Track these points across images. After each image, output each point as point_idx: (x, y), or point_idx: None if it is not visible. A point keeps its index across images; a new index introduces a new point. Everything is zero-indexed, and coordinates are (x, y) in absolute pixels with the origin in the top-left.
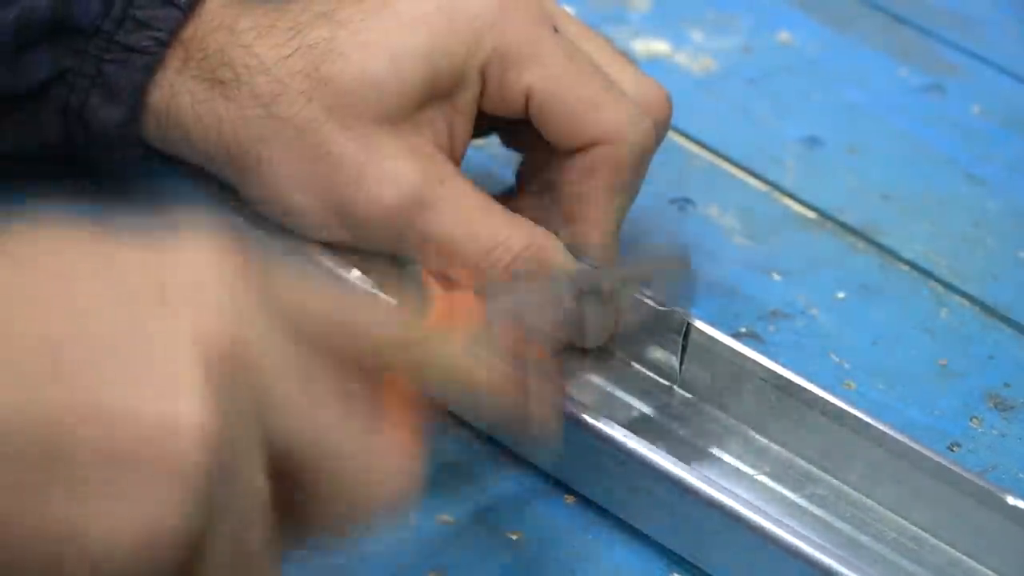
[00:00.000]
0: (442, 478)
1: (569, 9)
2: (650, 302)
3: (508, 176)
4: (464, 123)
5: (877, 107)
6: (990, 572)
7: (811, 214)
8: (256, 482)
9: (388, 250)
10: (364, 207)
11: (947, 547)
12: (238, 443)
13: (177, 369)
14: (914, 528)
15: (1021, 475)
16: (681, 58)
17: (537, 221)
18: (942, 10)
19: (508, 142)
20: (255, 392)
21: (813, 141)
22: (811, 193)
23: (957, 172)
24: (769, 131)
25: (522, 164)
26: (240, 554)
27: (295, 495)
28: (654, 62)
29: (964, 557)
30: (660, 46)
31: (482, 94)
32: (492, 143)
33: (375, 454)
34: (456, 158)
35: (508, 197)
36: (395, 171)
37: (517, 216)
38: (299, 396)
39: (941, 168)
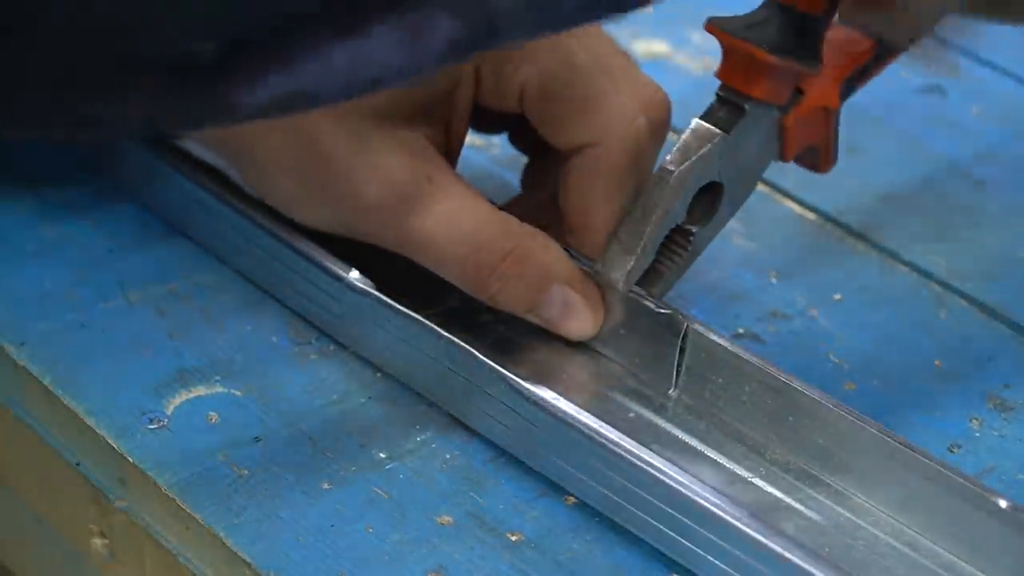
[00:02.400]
0: (442, 478)
1: None
2: (648, 304)
3: (508, 177)
4: (460, 119)
5: (877, 108)
6: None
7: (811, 215)
8: None
9: (377, 243)
10: (352, 202)
11: (942, 550)
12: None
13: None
14: (910, 531)
15: (1021, 476)
16: (681, 58)
17: (539, 223)
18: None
19: (515, 143)
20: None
21: None
22: (811, 194)
23: (957, 172)
24: None
25: (527, 166)
26: None
27: None
28: (654, 62)
29: (959, 560)
30: (660, 46)
31: (478, 89)
32: (493, 144)
33: None
34: (452, 154)
35: (513, 199)
36: (384, 167)
37: (505, 216)
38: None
39: (941, 168)
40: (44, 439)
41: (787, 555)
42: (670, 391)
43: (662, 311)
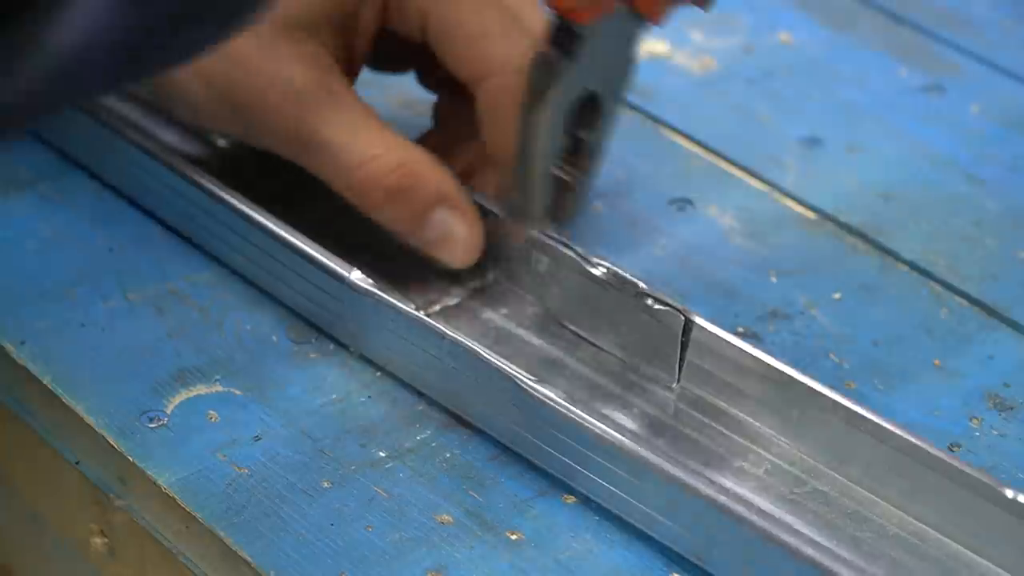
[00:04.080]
0: (442, 477)
1: None
2: (650, 300)
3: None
4: (363, 38)
5: (877, 107)
6: (991, 565)
7: (811, 214)
8: None
9: (276, 151)
10: (253, 105)
11: (948, 541)
12: None
13: None
14: (915, 522)
15: (1021, 475)
16: (681, 58)
17: (448, 159)
18: (942, 10)
19: (423, 82)
20: None
21: (813, 141)
22: (811, 193)
23: (957, 172)
24: (769, 131)
25: (436, 104)
26: None
27: None
28: (654, 62)
29: (965, 550)
30: (660, 46)
31: (384, 12)
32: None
33: None
34: (353, 71)
35: (423, 135)
36: (287, 74)
37: (397, 135)
38: None
39: (941, 168)
40: (44, 439)
41: (797, 548)
42: (672, 385)
43: (664, 308)
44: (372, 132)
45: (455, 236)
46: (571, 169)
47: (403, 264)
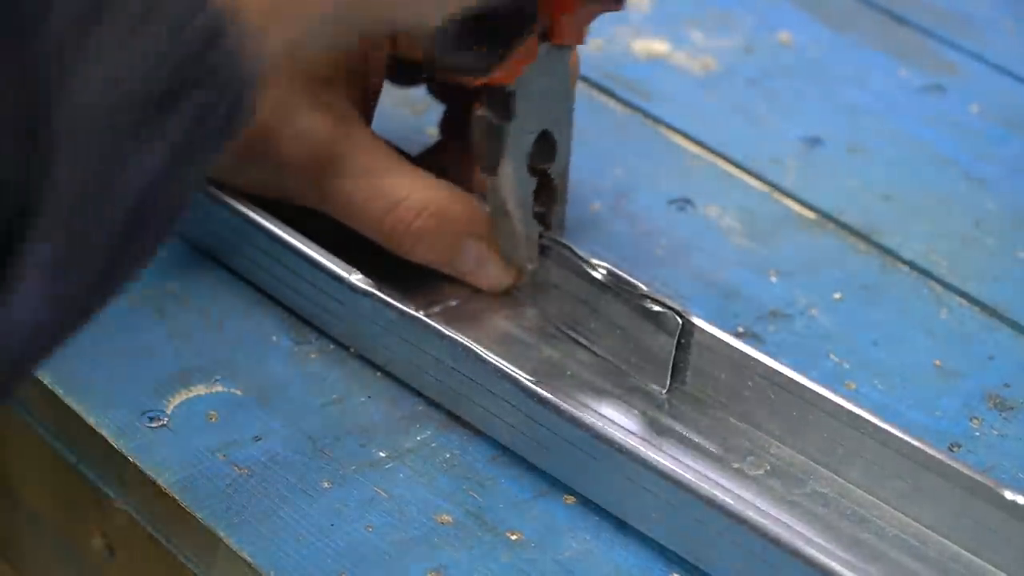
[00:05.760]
0: (442, 477)
1: None
2: (649, 302)
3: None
4: (376, 74)
5: (877, 107)
6: (990, 567)
7: (811, 214)
8: None
9: (301, 203)
10: (276, 162)
11: (948, 542)
12: None
13: None
14: (915, 524)
15: (1021, 475)
16: (681, 58)
17: (458, 169)
18: (942, 10)
19: (433, 92)
20: None
21: (813, 141)
22: (811, 193)
23: (957, 172)
24: (769, 131)
25: (444, 113)
26: None
27: None
28: (654, 62)
29: (965, 552)
30: (660, 46)
31: (394, 43)
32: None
33: None
34: (369, 110)
35: (432, 146)
36: (305, 129)
37: (420, 173)
38: None
39: (941, 168)
40: (44, 439)
41: (796, 549)
42: (672, 387)
43: (661, 309)
44: (394, 175)
45: (488, 264)
46: (544, 200)
47: (403, 265)
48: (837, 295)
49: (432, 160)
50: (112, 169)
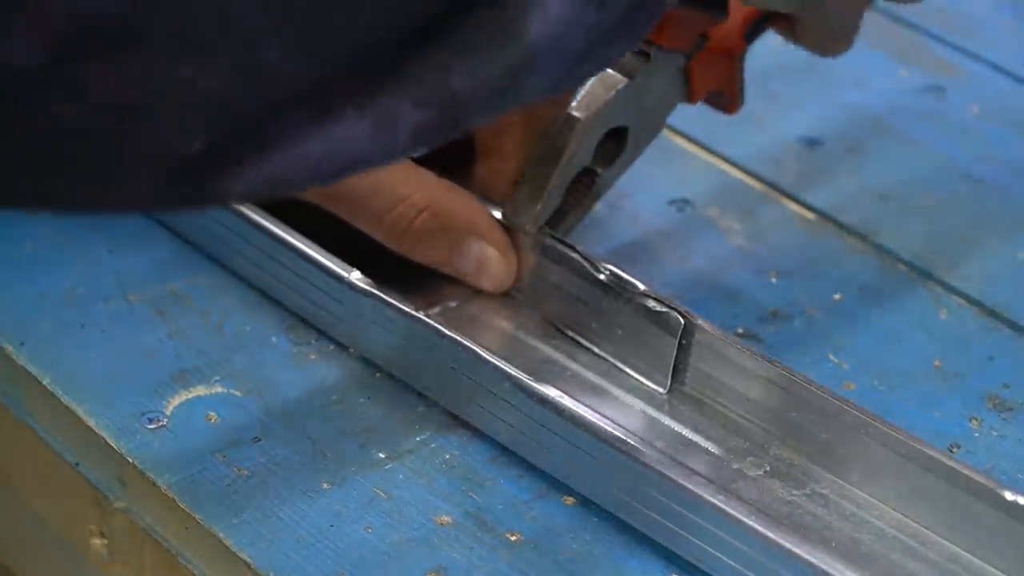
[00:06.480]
0: (442, 478)
1: None
2: (651, 302)
3: None
4: None
5: (877, 108)
6: (989, 567)
7: (810, 215)
8: None
9: (303, 197)
10: None
11: (947, 543)
12: None
13: None
14: (914, 525)
15: (1020, 476)
16: None
17: (455, 164)
18: (942, 10)
19: None
20: None
21: (813, 141)
22: (810, 193)
23: (956, 172)
24: (769, 131)
25: None
26: None
27: None
28: None
29: (964, 552)
30: None
31: None
32: None
33: None
34: None
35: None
36: None
37: (422, 171)
38: None
39: (940, 168)
40: (44, 439)
41: (795, 550)
42: (672, 387)
43: (662, 310)
44: (395, 173)
45: (490, 264)
46: (573, 198)
47: (403, 265)
48: (837, 295)
49: (433, 160)
50: None
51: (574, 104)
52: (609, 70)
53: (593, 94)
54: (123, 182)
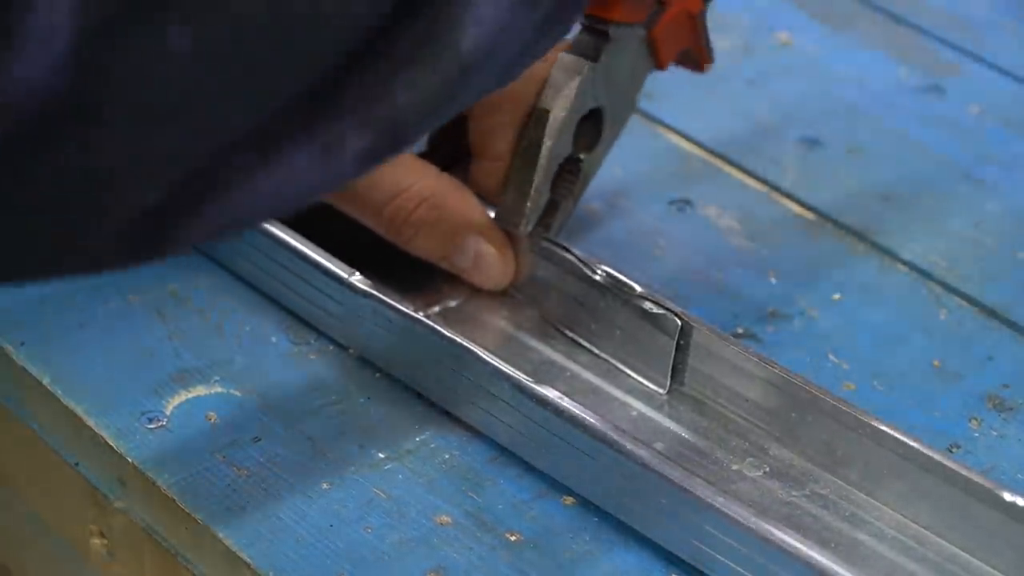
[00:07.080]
0: (441, 478)
1: None
2: (648, 304)
3: None
4: None
5: (876, 107)
6: (989, 568)
7: (810, 215)
8: None
9: None
10: None
11: (946, 543)
12: None
13: None
14: (914, 525)
15: (1020, 476)
16: None
17: (446, 167)
18: (941, 10)
19: None
20: None
21: (812, 141)
22: (810, 194)
23: (956, 172)
24: (769, 131)
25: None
26: None
27: None
28: None
29: (963, 553)
30: None
31: None
32: None
33: None
34: None
35: (425, 152)
36: None
37: (423, 164)
38: None
39: (940, 168)
40: (44, 439)
41: (795, 551)
42: (672, 388)
43: (660, 311)
44: (396, 165)
45: (487, 261)
46: (562, 188)
47: (403, 266)
48: (836, 295)
49: (432, 160)
50: None
51: (543, 96)
52: (572, 55)
53: (559, 84)
54: (84, 242)
